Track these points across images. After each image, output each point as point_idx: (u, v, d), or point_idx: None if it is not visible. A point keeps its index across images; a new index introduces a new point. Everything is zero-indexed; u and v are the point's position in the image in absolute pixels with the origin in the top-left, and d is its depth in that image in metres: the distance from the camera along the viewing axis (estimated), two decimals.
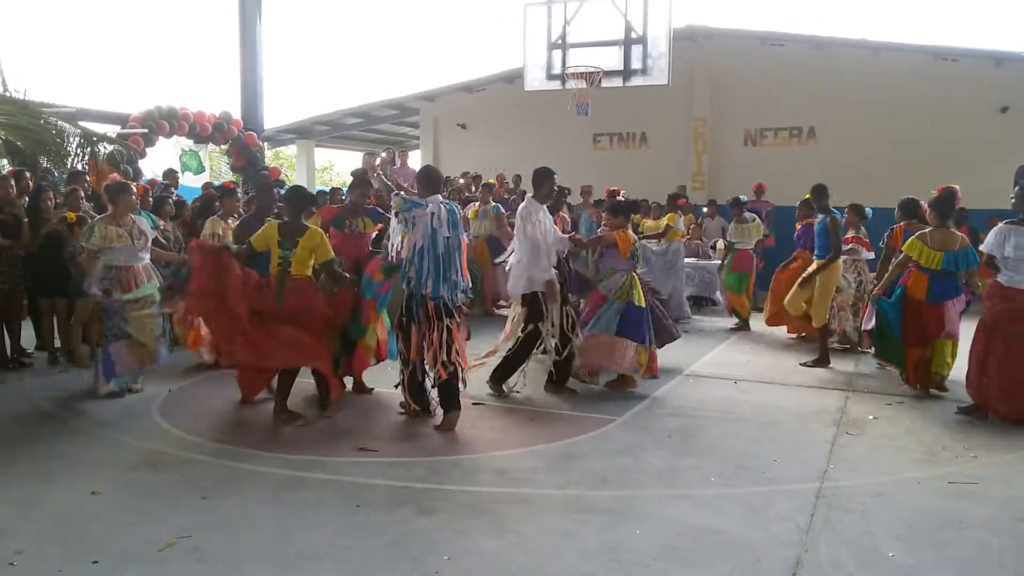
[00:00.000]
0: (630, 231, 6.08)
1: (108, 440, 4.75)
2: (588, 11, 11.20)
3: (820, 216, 7.20)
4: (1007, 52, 12.84)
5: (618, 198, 6.95)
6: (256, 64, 14.29)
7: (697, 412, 5.52)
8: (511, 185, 13.03)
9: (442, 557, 3.22)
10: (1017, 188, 5.38)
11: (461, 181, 12.33)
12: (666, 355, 7.53)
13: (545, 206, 5.86)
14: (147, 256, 5.87)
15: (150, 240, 5.89)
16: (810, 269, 7.27)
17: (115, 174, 9.08)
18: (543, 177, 5.78)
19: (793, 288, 7.42)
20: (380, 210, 6.06)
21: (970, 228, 11.09)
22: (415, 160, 16.45)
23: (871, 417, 5.39)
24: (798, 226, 8.66)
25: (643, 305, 5.91)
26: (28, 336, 7.09)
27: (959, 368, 5.79)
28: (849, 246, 7.83)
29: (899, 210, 6.87)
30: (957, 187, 5.83)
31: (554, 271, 5.78)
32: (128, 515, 3.62)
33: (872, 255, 7.94)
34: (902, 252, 5.86)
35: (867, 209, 8.12)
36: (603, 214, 6.60)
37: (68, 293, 6.72)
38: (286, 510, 3.70)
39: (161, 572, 3.09)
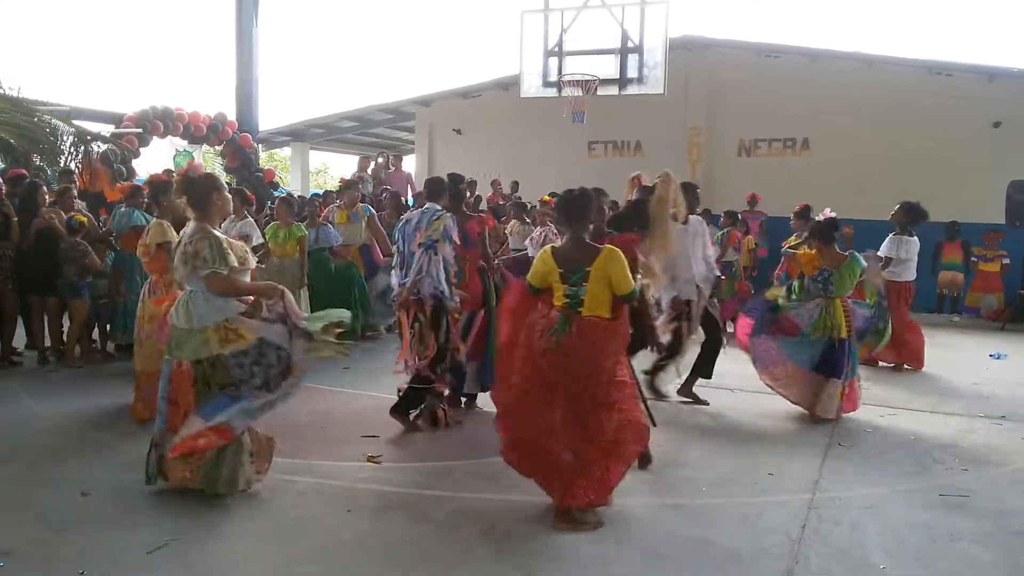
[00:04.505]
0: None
1: (97, 442, 4.72)
2: (585, 19, 11.21)
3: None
4: (1000, 68, 12.93)
5: (824, 218, 5.76)
6: (252, 66, 14.27)
7: (689, 421, 5.52)
8: (508, 191, 13.05)
9: (432, 563, 3.21)
10: (898, 207, 7.10)
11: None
12: None
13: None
14: None
15: None
16: None
17: (106, 171, 8.98)
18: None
19: None
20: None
21: (963, 242, 11.20)
22: (409, 164, 16.47)
23: (864, 429, 5.40)
24: None
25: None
26: (18, 335, 7.04)
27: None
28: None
29: (726, 217, 9.78)
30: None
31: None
32: (117, 518, 3.60)
33: None
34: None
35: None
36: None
37: (59, 292, 6.68)
38: (276, 514, 3.68)
39: (149, 575, 3.07)
